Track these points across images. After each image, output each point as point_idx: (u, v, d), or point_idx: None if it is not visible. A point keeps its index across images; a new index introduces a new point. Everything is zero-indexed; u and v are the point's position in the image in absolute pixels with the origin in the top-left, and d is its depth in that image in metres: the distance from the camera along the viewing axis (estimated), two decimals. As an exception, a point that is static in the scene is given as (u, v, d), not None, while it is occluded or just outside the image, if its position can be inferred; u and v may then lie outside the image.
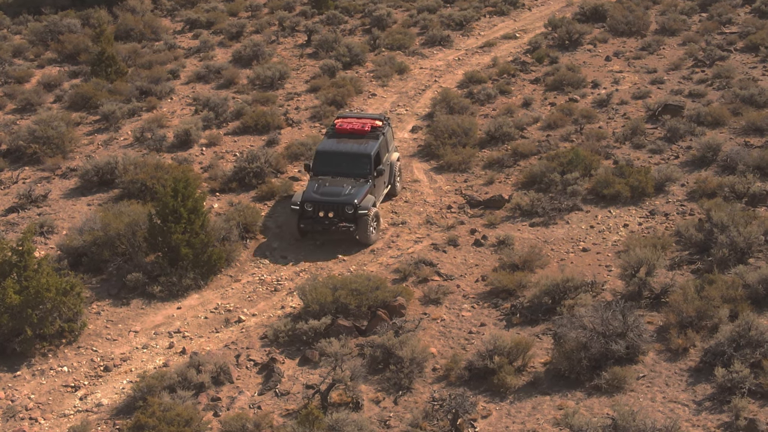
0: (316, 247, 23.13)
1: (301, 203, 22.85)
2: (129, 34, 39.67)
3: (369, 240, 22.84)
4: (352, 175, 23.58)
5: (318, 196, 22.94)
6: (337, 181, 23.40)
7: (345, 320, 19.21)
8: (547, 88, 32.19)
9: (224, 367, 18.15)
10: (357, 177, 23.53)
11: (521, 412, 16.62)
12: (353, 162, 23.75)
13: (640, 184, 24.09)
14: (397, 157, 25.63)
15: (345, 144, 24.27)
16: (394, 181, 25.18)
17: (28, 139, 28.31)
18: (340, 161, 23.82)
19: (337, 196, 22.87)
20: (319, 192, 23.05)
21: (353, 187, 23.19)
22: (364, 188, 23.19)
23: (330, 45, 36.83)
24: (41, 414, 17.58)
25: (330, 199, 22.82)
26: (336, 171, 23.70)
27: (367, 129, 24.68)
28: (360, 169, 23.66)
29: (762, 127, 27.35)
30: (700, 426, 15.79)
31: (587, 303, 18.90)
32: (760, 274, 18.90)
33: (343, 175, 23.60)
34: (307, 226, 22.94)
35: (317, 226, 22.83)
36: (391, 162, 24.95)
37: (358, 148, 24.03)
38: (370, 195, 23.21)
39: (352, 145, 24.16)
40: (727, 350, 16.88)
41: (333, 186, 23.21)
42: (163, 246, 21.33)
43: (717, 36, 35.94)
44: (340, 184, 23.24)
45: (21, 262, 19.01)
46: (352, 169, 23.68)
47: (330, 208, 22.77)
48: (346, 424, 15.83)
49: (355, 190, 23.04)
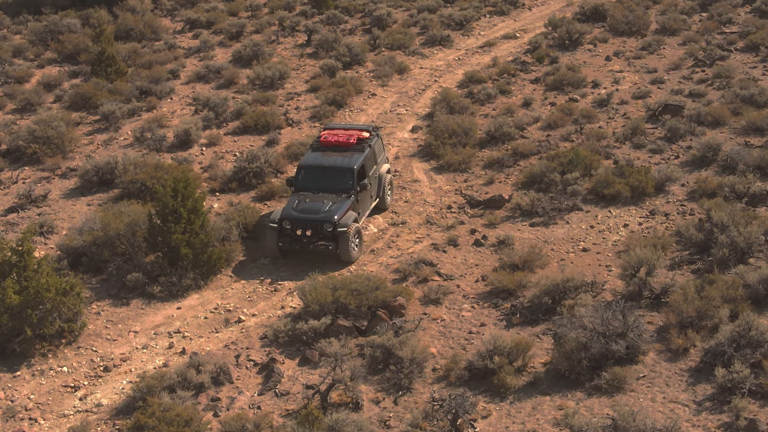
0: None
1: (279, 221, 21.98)
2: (129, 33, 39.66)
3: (351, 258, 21.91)
4: (334, 190, 22.63)
5: (296, 213, 22.06)
6: (318, 197, 22.49)
7: (345, 320, 19.20)
8: (547, 88, 32.17)
9: (224, 368, 18.14)
10: (339, 192, 22.59)
11: (521, 413, 16.61)
12: (335, 176, 22.82)
13: (641, 184, 24.08)
14: (387, 169, 24.77)
15: (328, 158, 23.33)
16: (384, 194, 24.25)
17: (28, 139, 28.30)
18: (322, 176, 22.93)
19: (316, 213, 21.99)
20: (298, 209, 22.17)
21: (333, 203, 22.26)
22: (345, 204, 22.29)
23: (330, 45, 36.82)
24: (41, 414, 17.58)
25: (308, 217, 21.94)
26: (318, 186, 22.78)
27: (353, 141, 23.70)
28: (342, 184, 22.71)
29: (762, 126, 27.33)
30: (701, 426, 15.78)
31: (587, 303, 18.89)
32: (761, 274, 18.89)
33: (325, 190, 22.67)
34: (285, 245, 22.07)
35: (295, 245, 21.98)
36: (379, 174, 24.05)
37: (341, 161, 23.11)
38: (352, 211, 22.32)
39: (335, 159, 23.23)
40: (728, 350, 16.87)
41: (313, 202, 22.32)
42: (163, 246, 21.32)
43: (717, 36, 35.92)
44: (320, 200, 22.35)
45: (21, 262, 19.00)
46: (334, 183, 22.73)
47: (308, 225, 21.90)
48: (345, 424, 15.82)
49: (335, 207, 22.14)
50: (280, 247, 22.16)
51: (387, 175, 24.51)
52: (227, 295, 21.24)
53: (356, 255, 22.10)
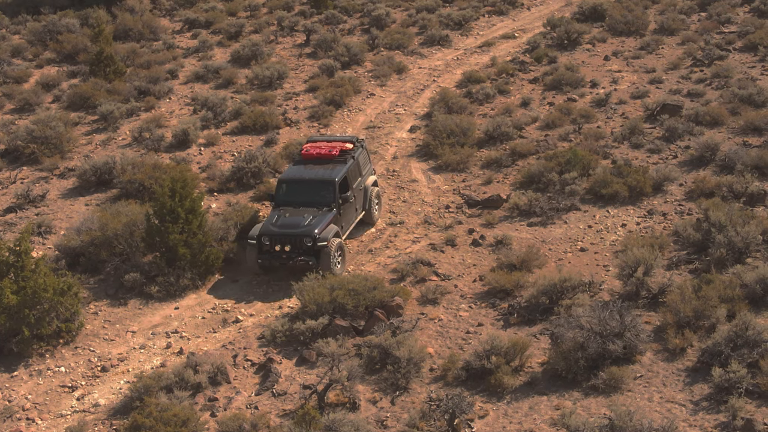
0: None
1: (258, 237, 21.33)
2: (128, 33, 39.70)
3: (333, 274, 20.84)
4: (316, 203, 21.91)
5: (275, 228, 21.30)
6: (299, 211, 21.74)
7: (342, 320, 19.20)
8: (545, 88, 32.17)
9: (221, 368, 18.14)
10: (321, 206, 21.87)
11: (518, 412, 16.61)
12: (316, 189, 22.08)
13: (638, 184, 24.08)
14: (374, 181, 23.98)
15: (308, 170, 22.58)
16: (370, 207, 23.48)
17: (27, 139, 28.32)
18: (303, 189, 22.21)
19: (295, 228, 21.22)
20: (277, 224, 21.43)
21: (314, 217, 21.51)
22: (327, 218, 21.56)
23: (329, 45, 36.83)
24: (38, 414, 17.58)
25: (287, 232, 21.19)
26: (299, 200, 22.07)
27: (335, 153, 22.94)
28: (324, 197, 21.97)
29: (760, 126, 27.33)
30: (697, 426, 15.78)
31: (585, 303, 18.89)
32: (758, 273, 18.89)
33: (306, 204, 21.95)
34: (265, 261, 21.37)
35: (275, 261, 21.27)
36: (364, 187, 23.34)
37: (322, 174, 22.35)
38: (334, 225, 21.59)
39: (316, 172, 22.47)
40: (725, 350, 16.87)
41: (293, 217, 21.57)
42: (161, 246, 21.32)
43: (716, 35, 35.92)
44: (300, 215, 21.58)
45: (18, 263, 19.01)
46: (315, 197, 22.01)
47: (287, 241, 21.15)
48: (342, 424, 15.81)
49: (315, 221, 21.38)
50: (260, 264, 21.47)
51: (373, 188, 23.71)
52: (225, 295, 21.22)
53: (338, 271, 21.25)
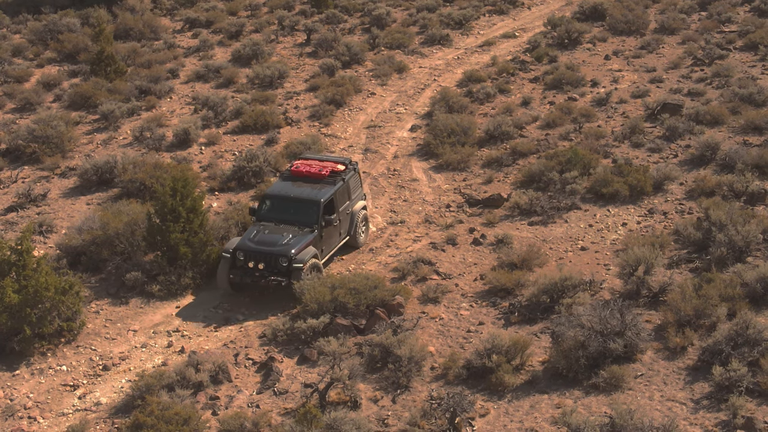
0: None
1: (233, 251, 20.65)
2: (128, 33, 39.68)
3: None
4: (298, 223, 21.20)
5: (252, 244, 20.64)
6: (279, 229, 21.07)
7: (343, 319, 19.22)
8: (546, 87, 32.19)
9: (223, 366, 18.16)
10: (303, 225, 21.15)
11: (519, 411, 16.63)
12: (300, 208, 21.38)
13: (639, 183, 24.11)
14: (363, 206, 23.04)
15: (295, 188, 21.83)
16: (356, 231, 22.61)
17: (28, 139, 28.33)
18: (287, 207, 21.49)
19: (272, 246, 20.53)
20: (255, 240, 20.74)
21: (294, 236, 20.79)
22: (306, 239, 20.85)
23: (329, 44, 36.85)
24: (40, 413, 17.61)
25: (263, 249, 20.51)
26: (282, 218, 21.38)
27: (325, 173, 22.16)
28: (307, 217, 21.22)
29: (761, 125, 27.34)
30: (698, 424, 15.81)
31: (585, 302, 18.92)
32: (758, 272, 18.91)
33: (288, 222, 21.25)
34: (236, 277, 20.59)
35: (247, 278, 20.52)
36: (352, 211, 22.52)
37: (308, 193, 21.60)
38: (312, 247, 20.87)
39: (302, 190, 21.73)
40: (725, 349, 16.89)
41: (272, 234, 20.87)
42: (162, 245, 21.34)
43: (716, 35, 35.94)
44: (279, 233, 20.89)
45: (20, 262, 19.02)
46: (298, 216, 21.30)
47: (262, 258, 20.45)
48: (344, 422, 15.84)
49: (294, 240, 20.67)
50: (230, 280, 20.74)
51: (362, 212, 22.85)
52: (226, 293, 21.23)
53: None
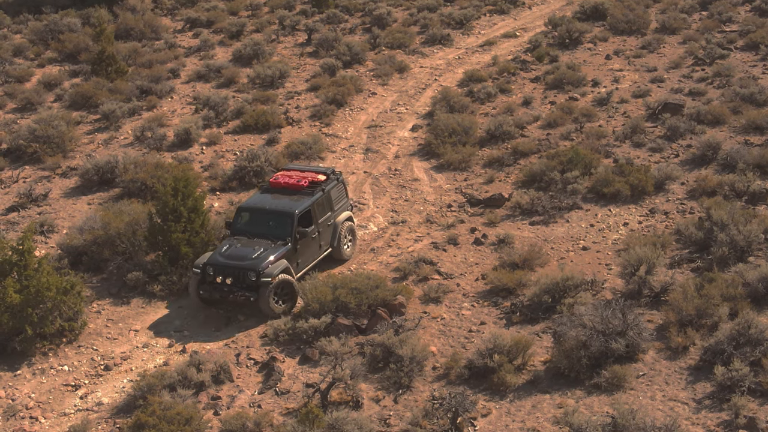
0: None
1: (204, 266, 20.14)
2: (129, 33, 39.70)
3: (272, 312, 19.85)
4: (272, 236, 20.57)
5: (221, 258, 20.08)
6: (252, 242, 20.48)
7: (345, 319, 19.22)
8: (547, 87, 32.19)
9: (224, 366, 18.16)
10: (277, 238, 20.53)
11: (521, 411, 16.63)
12: (275, 221, 20.74)
13: (640, 183, 24.10)
14: (348, 217, 22.32)
15: (271, 200, 21.24)
16: (339, 244, 21.87)
17: (29, 139, 28.33)
18: (262, 220, 20.91)
19: (241, 260, 19.96)
20: (225, 254, 20.19)
21: (265, 250, 20.19)
22: (277, 252, 20.21)
23: (330, 44, 36.86)
24: (42, 413, 17.61)
25: (232, 263, 19.94)
26: (256, 231, 20.77)
27: (304, 184, 21.51)
28: (281, 230, 20.57)
29: (762, 125, 27.33)
30: (700, 424, 15.80)
31: (587, 301, 18.90)
32: (760, 272, 18.89)
33: (262, 235, 20.63)
34: (205, 293, 20.16)
35: (216, 293, 20.06)
36: (335, 223, 21.82)
37: (283, 205, 20.95)
38: (284, 261, 20.17)
39: (278, 202, 21.10)
40: (727, 348, 16.88)
41: (243, 248, 20.29)
42: (164, 245, 21.34)
43: (717, 34, 35.93)
44: (251, 246, 20.31)
45: (21, 261, 19.02)
46: (273, 229, 20.66)
47: (230, 273, 19.90)
48: (346, 422, 15.83)
49: (264, 254, 20.07)
50: (200, 295, 20.34)
51: (346, 223, 22.13)
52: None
53: (279, 311, 19.94)
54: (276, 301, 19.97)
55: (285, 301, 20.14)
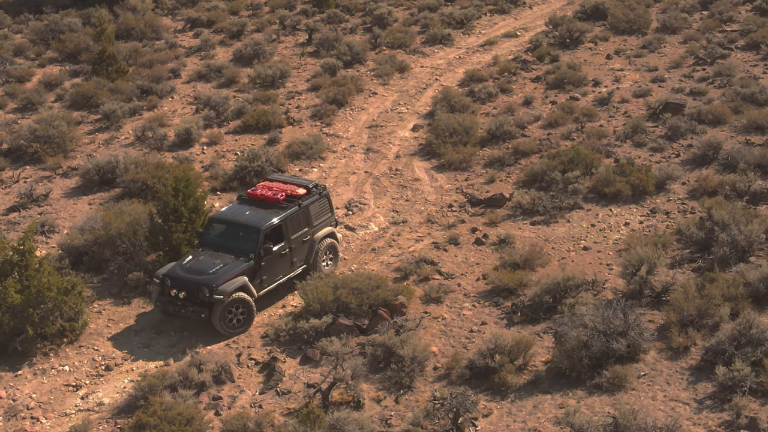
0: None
1: (162, 277, 19.71)
2: (130, 33, 39.68)
3: (224, 332, 19.28)
4: (238, 250, 19.89)
5: (180, 271, 19.54)
6: (215, 256, 19.87)
7: (346, 319, 19.22)
8: (548, 87, 32.18)
9: (225, 366, 18.16)
10: (243, 253, 19.83)
11: (522, 411, 16.62)
12: (242, 235, 20.09)
13: (641, 183, 24.09)
14: (329, 233, 21.42)
15: (242, 213, 20.57)
16: (316, 261, 21.02)
17: (30, 139, 28.31)
18: (230, 232, 20.31)
19: (197, 275, 19.31)
20: (185, 267, 19.64)
21: (225, 265, 19.50)
22: (237, 268, 19.51)
23: (331, 44, 36.84)
24: (43, 413, 17.60)
25: (187, 277, 19.34)
26: (224, 244, 20.17)
27: (280, 197, 20.76)
28: (247, 245, 19.86)
29: (763, 125, 27.32)
30: (701, 424, 15.80)
31: (588, 301, 18.91)
32: (761, 272, 18.90)
33: (229, 249, 19.98)
34: (161, 304, 19.75)
35: (170, 306, 19.58)
36: (312, 239, 21.00)
37: (252, 218, 20.28)
38: (243, 277, 19.48)
39: (249, 215, 20.43)
40: (728, 349, 16.88)
41: (204, 262, 19.71)
42: (164, 245, 21.32)
43: (718, 34, 35.93)
44: (212, 260, 19.71)
45: (22, 262, 19.01)
46: (240, 243, 19.99)
47: (185, 287, 19.30)
48: (347, 423, 15.84)
49: (222, 270, 19.37)
50: (158, 307, 19.96)
51: (326, 239, 21.28)
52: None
53: (231, 331, 19.39)
54: (230, 321, 19.33)
55: (240, 321, 19.51)
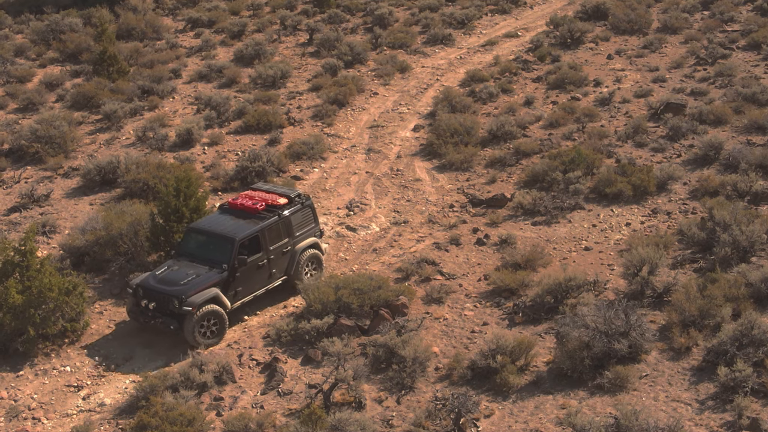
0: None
1: (136, 286, 19.46)
2: (131, 33, 39.72)
3: (195, 343, 18.89)
4: (212, 261, 19.57)
5: (151, 282, 19.30)
6: (188, 266, 19.59)
7: (347, 319, 19.21)
8: (549, 87, 32.18)
9: (227, 367, 18.16)
10: (217, 264, 19.49)
11: (524, 412, 16.62)
12: (217, 245, 19.73)
13: (643, 183, 24.08)
14: (313, 243, 20.97)
15: (220, 223, 20.25)
16: (297, 272, 20.60)
17: (31, 139, 28.33)
18: (206, 243, 19.97)
19: (168, 286, 19.05)
20: (158, 277, 19.38)
21: (197, 277, 19.21)
22: (209, 279, 19.21)
23: (332, 44, 36.85)
24: (44, 414, 17.60)
25: (158, 287, 19.09)
26: (200, 254, 19.84)
27: (260, 207, 20.35)
28: (222, 256, 19.51)
29: (764, 125, 27.30)
30: (703, 425, 15.79)
31: (590, 302, 18.89)
32: (763, 272, 18.89)
33: (204, 260, 19.68)
34: (133, 314, 19.56)
35: (140, 317, 19.37)
36: (293, 250, 20.59)
37: (228, 228, 19.94)
38: (214, 289, 19.16)
39: (226, 225, 20.07)
40: (730, 349, 16.87)
41: (177, 272, 19.42)
42: (166, 245, 21.32)
43: (719, 34, 35.93)
44: (185, 271, 19.42)
45: (23, 262, 19.02)
46: (215, 253, 19.66)
47: (155, 297, 19.06)
48: (348, 423, 15.84)
49: (194, 281, 19.09)
50: (131, 317, 19.74)
51: (309, 250, 20.85)
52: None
53: (203, 342, 19.03)
54: (201, 333, 19.04)
55: (212, 333, 19.25)
